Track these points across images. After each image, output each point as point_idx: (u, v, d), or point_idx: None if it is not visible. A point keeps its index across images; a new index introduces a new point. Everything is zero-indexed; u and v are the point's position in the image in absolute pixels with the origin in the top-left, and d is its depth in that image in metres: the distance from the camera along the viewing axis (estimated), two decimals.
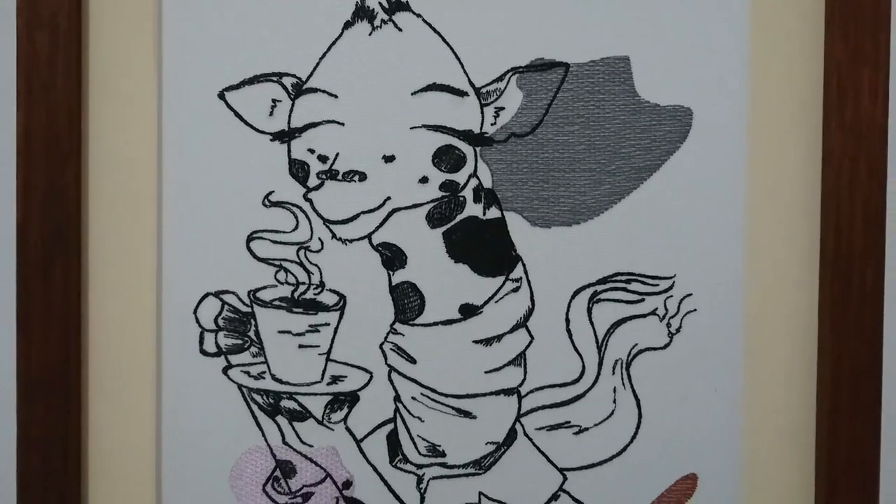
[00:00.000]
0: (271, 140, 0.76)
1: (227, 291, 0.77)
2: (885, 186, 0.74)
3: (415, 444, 0.78)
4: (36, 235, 0.74)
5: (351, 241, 0.77)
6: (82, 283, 0.75)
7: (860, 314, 0.74)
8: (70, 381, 0.75)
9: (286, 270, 0.77)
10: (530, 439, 0.78)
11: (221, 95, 0.76)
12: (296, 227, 0.77)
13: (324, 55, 0.76)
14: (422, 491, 0.78)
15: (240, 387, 0.77)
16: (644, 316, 0.77)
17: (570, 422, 0.78)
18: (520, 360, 0.78)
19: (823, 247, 0.75)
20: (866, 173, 0.74)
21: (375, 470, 0.78)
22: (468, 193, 0.76)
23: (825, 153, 0.75)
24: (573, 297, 0.77)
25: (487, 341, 0.77)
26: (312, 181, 0.76)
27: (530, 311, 0.77)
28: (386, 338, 0.77)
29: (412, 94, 0.76)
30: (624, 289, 0.77)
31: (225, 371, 0.77)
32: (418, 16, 0.76)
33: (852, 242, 0.74)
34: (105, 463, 0.77)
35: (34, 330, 0.74)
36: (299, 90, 0.76)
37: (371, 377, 0.77)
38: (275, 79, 0.76)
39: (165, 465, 0.77)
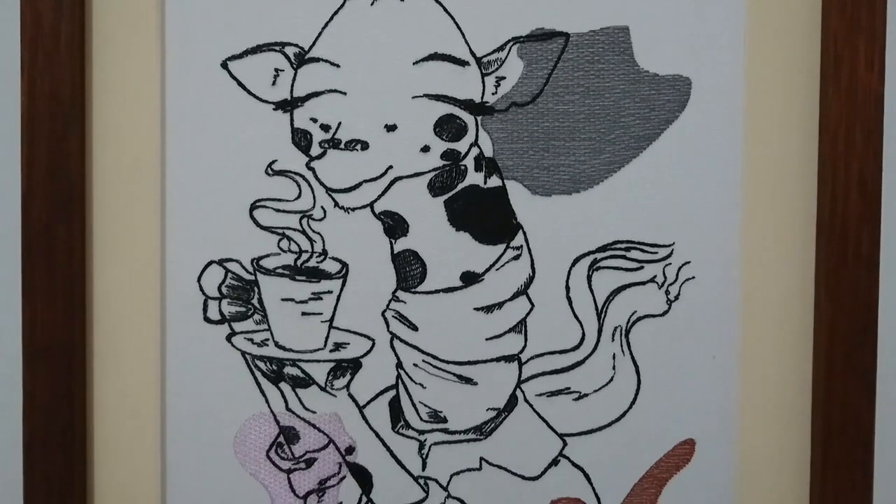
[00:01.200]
0: (274, 109, 0.76)
1: (230, 259, 0.77)
2: (881, 154, 0.75)
3: (416, 410, 0.79)
4: (40, 204, 0.74)
5: (353, 209, 0.77)
6: (86, 251, 0.76)
7: (856, 281, 0.75)
8: (74, 348, 0.75)
9: (289, 239, 0.78)
10: (531, 405, 0.79)
11: (224, 65, 0.76)
12: (298, 196, 0.77)
13: (326, 25, 0.76)
14: (423, 456, 0.79)
15: (243, 354, 0.78)
16: (643, 283, 0.78)
17: (569, 388, 0.79)
18: (520, 327, 0.79)
19: (820, 214, 0.76)
20: (862, 141, 0.74)
21: (378, 436, 0.79)
22: (469, 162, 0.77)
23: (822, 121, 0.75)
24: (573, 264, 0.78)
25: (488, 308, 0.78)
26: (315, 150, 0.76)
27: (531, 279, 0.78)
28: (388, 305, 0.78)
29: (414, 63, 0.76)
30: (623, 256, 0.78)
31: (228, 338, 0.78)
32: None
33: (848, 210, 0.75)
34: (110, 430, 0.78)
35: (38, 297, 0.75)
36: (302, 60, 0.76)
37: (373, 344, 0.78)
38: (277, 48, 0.76)
39: (170, 432, 0.78)
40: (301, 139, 0.76)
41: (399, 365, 0.78)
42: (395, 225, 0.77)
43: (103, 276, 0.77)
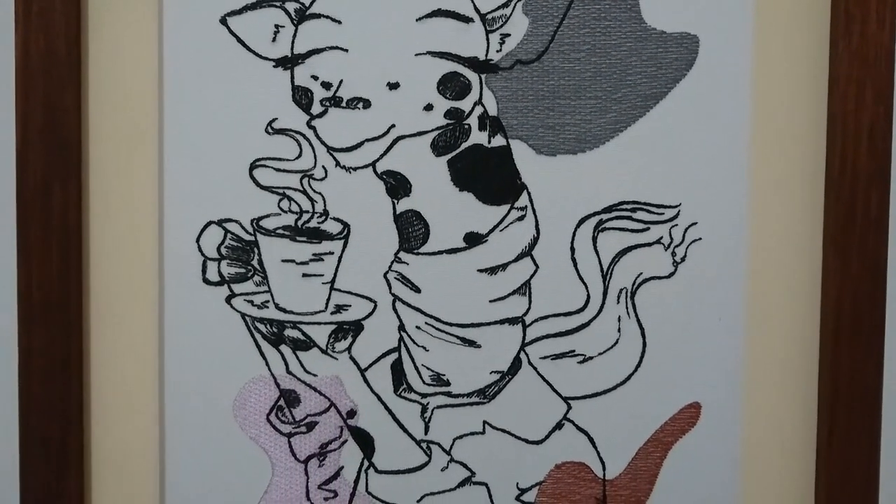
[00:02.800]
0: (274, 66, 0.75)
1: (229, 220, 0.76)
2: (891, 111, 0.74)
3: (419, 373, 0.78)
4: (35, 161, 0.73)
5: (355, 168, 0.76)
6: (83, 208, 0.74)
7: (864, 239, 0.74)
8: (71, 308, 0.74)
9: (289, 199, 0.76)
10: (535, 368, 0.78)
11: (223, 20, 0.74)
12: (299, 155, 0.76)
13: None
14: (426, 420, 0.78)
15: (243, 316, 0.77)
16: (649, 245, 0.77)
17: (574, 351, 0.78)
18: (524, 288, 0.77)
19: (829, 172, 0.75)
20: (872, 98, 0.73)
21: (380, 399, 0.78)
22: (473, 121, 0.75)
23: (832, 78, 0.74)
24: (578, 225, 0.77)
25: (492, 270, 0.77)
26: (316, 108, 0.75)
27: (535, 240, 0.77)
28: (390, 266, 0.77)
29: (417, 19, 0.75)
30: (629, 217, 0.77)
31: (228, 300, 0.76)
32: None
33: (858, 167, 0.74)
34: (107, 393, 0.76)
35: (34, 254, 0.73)
36: (302, 16, 0.74)
37: (375, 306, 0.77)
38: (278, 4, 0.74)
39: (168, 395, 0.77)
40: (302, 97, 0.75)
41: (401, 327, 0.77)
42: (397, 185, 0.76)
43: (100, 236, 0.76)
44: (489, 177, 0.76)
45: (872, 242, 0.74)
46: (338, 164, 0.76)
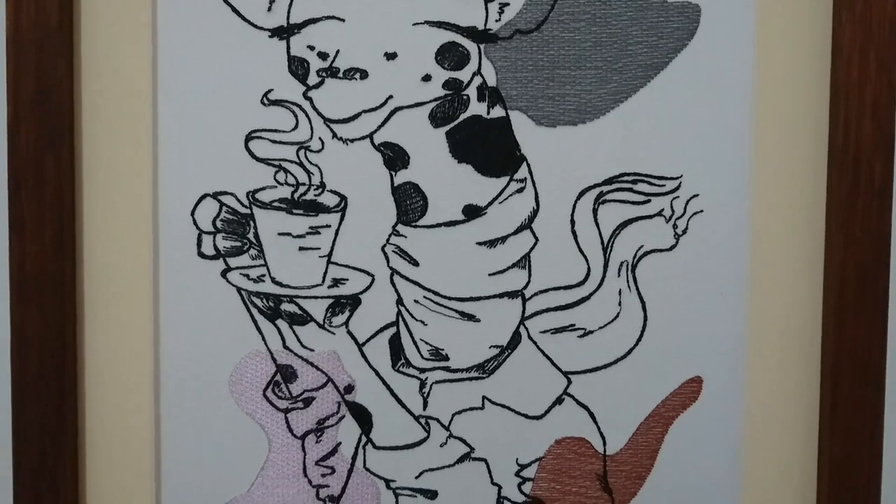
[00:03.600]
0: (270, 36, 0.74)
1: (225, 192, 0.75)
2: (894, 81, 0.73)
3: (417, 347, 0.77)
4: (27, 133, 0.72)
5: (352, 140, 0.75)
6: (76, 182, 0.73)
7: (867, 210, 0.73)
8: (65, 282, 0.73)
9: (286, 171, 0.75)
10: (534, 342, 0.77)
11: None
12: (295, 127, 0.75)
13: None
14: (424, 395, 0.77)
15: (239, 290, 0.76)
16: (650, 217, 0.76)
17: (574, 325, 0.77)
18: (524, 262, 0.76)
19: (832, 143, 0.74)
20: (876, 67, 0.73)
21: (377, 374, 0.77)
22: (472, 92, 0.74)
23: (835, 47, 0.73)
24: (578, 197, 0.76)
25: (491, 243, 0.76)
26: (312, 79, 0.74)
27: (535, 213, 0.76)
28: (388, 240, 0.76)
29: None
30: (630, 189, 0.76)
31: (224, 274, 0.75)
32: None
33: (861, 138, 0.73)
34: (102, 369, 0.75)
35: (27, 230, 0.72)
36: None
37: (373, 280, 0.76)
38: None
39: (164, 370, 0.76)
40: (298, 67, 0.74)
41: (399, 301, 0.76)
42: (395, 157, 0.75)
43: (94, 209, 0.74)
44: (488, 148, 0.75)
45: (876, 213, 0.73)
46: (335, 135, 0.75)
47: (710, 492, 0.78)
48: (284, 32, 0.74)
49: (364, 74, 0.74)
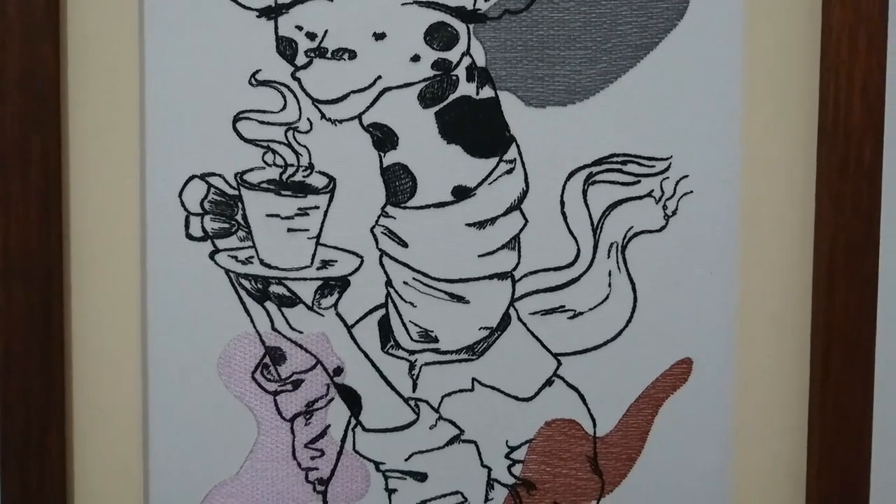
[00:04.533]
0: (258, 16, 0.73)
1: (212, 174, 0.74)
2: (884, 61, 0.73)
3: (407, 329, 0.76)
4: (13, 112, 0.71)
5: (340, 121, 0.74)
6: (62, 161, 0.73)
7: (858, 191, 0.73)
8: (51, 265, 0.72)
9: (274, 152, 0.75)
10: (524, 324, 0.77)
11: None
12: (283, 107, 0.74)
13: None
14: (414, 377, 0.77)
15: (227, 272, 0.75)
16: (640, 198, 0.76)
17: (564, 306, 0.77)
18: (514, 243, 0.76)
19: (822, 123, 0.74)
20: (866, 47, 0.72)
21: (367, 356, 0.77)
22: (461, 72, 0.74)
23: (824, 27, 0.73)
24: (568, 178, 0.76)
25: (481, 224, 0.76)
26: (300, 59, 0.73)
27: (524, 194, 0.76)
28: (377, 221, 0.75)
29: None
30: (620, 170, 0.76)
31: (212, 256, 0.75)
32: None
33: (851, 118, 0.73)
34: (89, 350, 0.74)
35: (13, 208, 0.71)
36: None
37: (362, 261, 0.75)
38: None
39: (151, 353, 0.75)
40: (286, 48, 0.73)
41: (389, 283, 0.76)
42: (384, 137, 0.75)
43: (80, 190, 0.74)
44: (477, 129, 0.75)
45: (866, 194, 0.73)
46: (323, 116, 0.74)
47: (700, 473, 0.78)
48: (272, 12, 0.73)
49: (352, 55, 0.74)
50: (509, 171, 0.76)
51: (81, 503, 0.76)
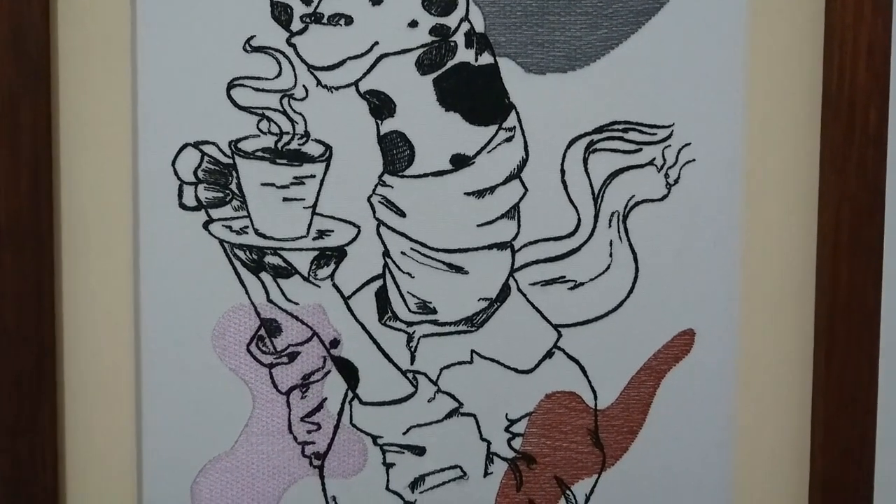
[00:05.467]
0: None
1: (206, 142, 0.73)
2: (890, 25, 0.72)
3: (404, 300, 0.75)
4: (1, 76, 0.69)
5: (337, 88, 0.73)
6: (52, 129, 0.71)
7: (863, 158, 0.72)
8: (42, 234, 0.71)
9: (269, 119, 0.73)
10: (524, 295, 0.76)
11: None
12: (279, 74, 0.73)
13: None
14: (412, 349, 0.76)
15: (221, 242, 0.74)
16: (641, 166, 0.75)
17: (565, 277, 0.76)
18: (513, 212, 0.75)
19: (826, 89, 0.73)
20: (871, 11, 0.71)
21: (364, 328, 0.75)
22: (459, 38, 0.73)
23: None
24: (568, 146, 0.74)
25: (480, 193, 0.75)
26: (296, 25, 0.72)
27: (524, 162, 0.74)
28: (374, 190, 0.74)
29: None
30: (621, 138, 0.75)
31: (205, 226, 0.73)
32: None
33: (856, 83, 0.72)
34: (80, 322, 0.73)
35: (2, 177, 0.70)
36: None
37: (359, 231, 0.74)
38: None
39: (144, 325, 0.74)
40: (281, 13, 0.72)
41: (386, 253, 0.75)
42: (381, 105, 0.73)
43: (71, 158, 0.72)
44: (476, 96, 0.74)
45: (871, 161, 0.72)
46: (319, 83, 0.73)
47: (702, 446, 0.77)
48: None
49: (349, 20, 0.72)
50: (509, 139, 0.74)
51: (74, 479, 0.75)
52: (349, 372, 0.76)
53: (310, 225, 0.74)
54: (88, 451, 0.74)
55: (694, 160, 0.75)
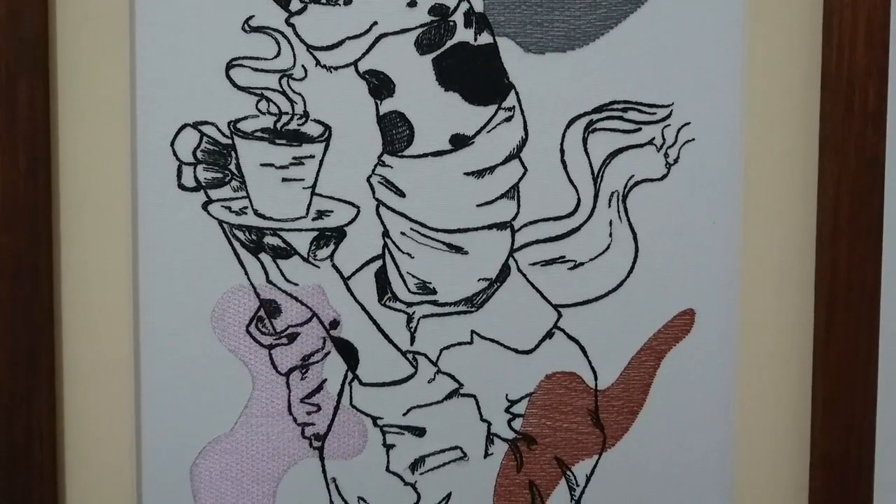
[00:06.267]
0: None
1: (205, 122, 0.73)
2: (888, 3, 0.71)
3: (404, 281, 0.75)
4: None
5: (336, 68, 0.73)
6: (50, 107, 0.71)
7: (862, 135, 0.72)
8: (39, 215, 0.70)
9: (268, 100, 0.73)
10: (524, 275, 0.76)
11: None
12: (278, 54, 0.73)
13: None
14: (412, 330, 0.76)
15: (220, 223, 0.73)
16: (641, 146, 0.75)
17: (564, 256, 0.76)
18: (513, 192, 0.75)
19: (825, 67, 0.73)
20: None
21: (364, 309, 0.75)
22: (458, 18, 0.73)
23: None
24: (568, 126, 0.74)
25: (479, 173, 0.74)
26: (295, 4, 0.72)
27: (523, 142, 0.74)
28: (374, 170, 0.74)
29: None
30: (620, 118, 0.75)
31: (205, 206, 0.73)
32: None
33: (854, 61, 0.72)
34: (78, 303, 0.73)
35: (0, 155, 0.70)
36: None
37: (358, 212, 0.74)
38: None
39: (143, 306, 0.73)
40: None
41: (386, 233, 0.74)
42: (380, 85, 0.73)
43: (69, 138, 0.72)
44: (475, 76, 0.73)
45: (870, 138, 0.72)
46: (318, 63, 0.73)
47: (702, 425, 0.77)
48: None
49: (348, 0, 0.72)
50: (508, 119, 0.74)
51: (72, 459, 0.74)
52: (349, 353, 0.75)
53: (309, 205, 0.74)
54: (86, 432, 0.74)
55: (693, 140, 0.75)
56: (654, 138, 0.75)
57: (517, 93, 0.74)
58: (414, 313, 0.76)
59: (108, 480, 0.74)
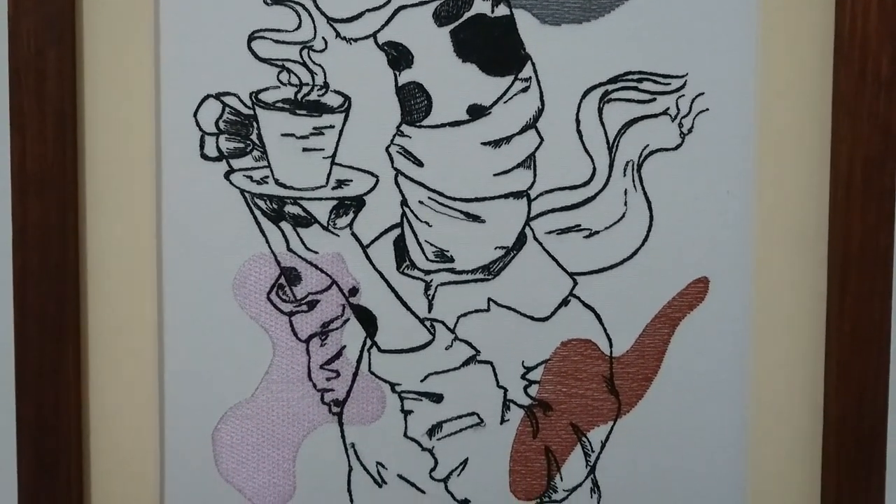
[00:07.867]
0: None
1: (228, 93, 0.74)
2: None
3: (422, 249, 0.76)
4: (28, 26, 0.71)
5: (355, 40, 0.74)
6: (77, 78, 0.72)
7: (875, 102, 0.73)
8: (66, 183, 0.72)
9: (289, 71, 0.74)
10: (540, 243, 0.77)
11: None
12: (298, 26, 0.74)
13: None
14: (430, 297, 0.77)
15: (242, 192, 0.75)
16: (656, 116, 0.76)
17: (580, 225, 0.77)
18: (529, 162, 0.76)
19: (838, 35, 0.73)
20: None
21: (382, 276, 0.76)
22: None
23: None
24: (583, 96, 0.75)
25: (496, 143, 0.76)
26: None
27: (540, 112, 0.75)
28: (392, 140, 0.75)
29: None
30: (635, 88, 0.76)
31: (227, 176, 0.75)
32: None
33: (868, 29, 0.72)
34: (103, 268, 0.74)
35: (28, 125, 0.71)
36: None
37: (377, 181, 0.75)
38: None
39: (166, 273, 0.75)
40: None
41: (404, 202, 0.76)
42: (399, 56, 0.75)
43: (94, 108, 0.74)
44: (492, 47, 0.75)
45: (883, 105, 0.73)
46: (338, 34, 0.74)
47: (716, 392, 0.78)
48: None
49: None
50: (524, 90, 0.75)
51: (97, 425, 0.76)
52: (368, 320, 0.77)
53: (329, 175, 0.75)
54: (111, 397, 0.75)
55: (707, 109, 0.76)
56: (668, 108, 0.76)
57: (533, 64, 0.75)
58: (432, 281, 0.77)
59: (133, 444, 0.76)
